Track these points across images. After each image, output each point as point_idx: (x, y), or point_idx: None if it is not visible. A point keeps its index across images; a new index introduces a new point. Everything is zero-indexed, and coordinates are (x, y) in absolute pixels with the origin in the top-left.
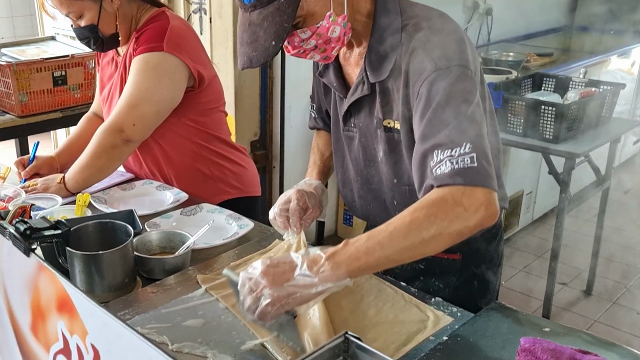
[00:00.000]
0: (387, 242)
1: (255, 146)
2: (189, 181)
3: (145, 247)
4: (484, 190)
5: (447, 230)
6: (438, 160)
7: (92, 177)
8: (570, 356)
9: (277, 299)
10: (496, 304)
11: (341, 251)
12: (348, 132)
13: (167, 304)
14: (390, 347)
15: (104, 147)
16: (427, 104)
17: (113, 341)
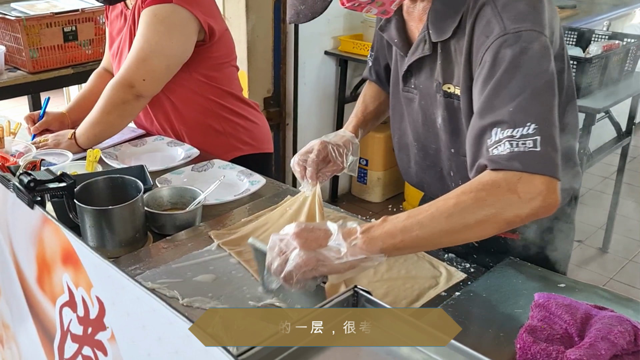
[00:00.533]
0: (427, 222)
1: (269, 103)
2: (200, 137)
3: (156, 202)
4: (544, 178)
5: (496, 218)
6: (496, 140)
7: (103, 133)
8: (586, 312)
9: (305, 262)
10: (510, 260)
11: (378, 226)
12: (407, 93)
13: (178, 259)
14: (401, 303)
15: (115, 102)
16: (491, 73)
17: (117, 293)
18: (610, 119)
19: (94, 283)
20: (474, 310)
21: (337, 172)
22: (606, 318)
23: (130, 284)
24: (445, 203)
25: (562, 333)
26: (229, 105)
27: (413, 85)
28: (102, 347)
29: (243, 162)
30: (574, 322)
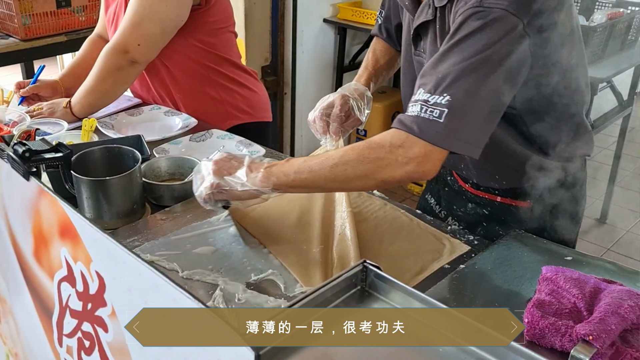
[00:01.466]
0: (316, 168)
1: (266, 72)
2: (197, 105)
3: (153, 173)
4: (426, 146)
5: (373, 175)
6: (415, 99)
7: (98, 101)
8: (595, 285)
9: (210, 186)
10: (515, 232)
11: (279, 165)
12: (418, 57)
13: (177, 231)
14: (405, 276)
15: (109, 69)
16: (450, 38)
17: (118, 268)
18: (612, 88)
19: (94, 257)
20: (479, 284)
21: (357, 126)
22: (616, 292)
23: (131, 259)
24: (335, 153)
25: (571, 307)
26: (227, 72)
27: (422, 49)
28: (103, 323)
29: (241, 131)
30: (583, 296)
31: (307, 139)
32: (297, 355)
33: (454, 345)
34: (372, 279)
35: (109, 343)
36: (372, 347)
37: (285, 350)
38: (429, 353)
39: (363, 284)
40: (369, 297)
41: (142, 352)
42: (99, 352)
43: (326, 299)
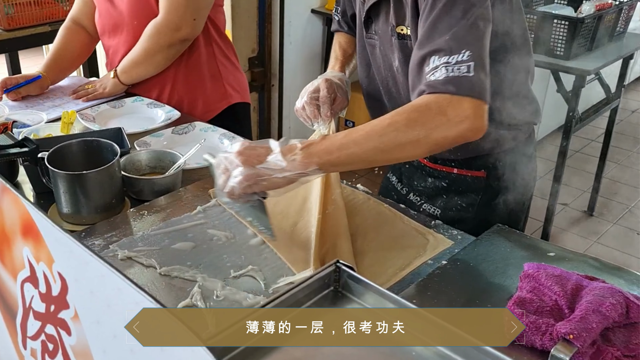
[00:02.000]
0: (362, 140)
1: (253, 63)
2: (198, 83)
3: (134, 167)
4: (473, 101)
5: (426, 139)
6: (434, 67)
7: (147, 73)
8: (577, 283)
9: (246, 177)
10: (499, 227)
11: (317, 143)
12: (370, 40)
13: (155, 226)
14: (387, 272)
15: (160, 46)
16: (432, 6)
17: (80, 269)
18: (600, 81)
19: (56, 258)
20: (461, 280)
21: (344, 107)
22: (597, 289)
23: (93, 260)
24: (380, 123)
25: (552, 305)
26: (225, 50)
27: (374, 31)
28: (66, 326)
29: (233, 112)
30: (564, 294)
31: (294, 131)
32: (267, 358)
33: (425, 346)
34: (346, 279)
35: (72, 347)
36: (342, 347)
37: (255, 352)
38: (401, 354)
39: (336, 285)
40: (342, 298)
41: (105, 356)
42: (62, 356)
43: (298, 299)
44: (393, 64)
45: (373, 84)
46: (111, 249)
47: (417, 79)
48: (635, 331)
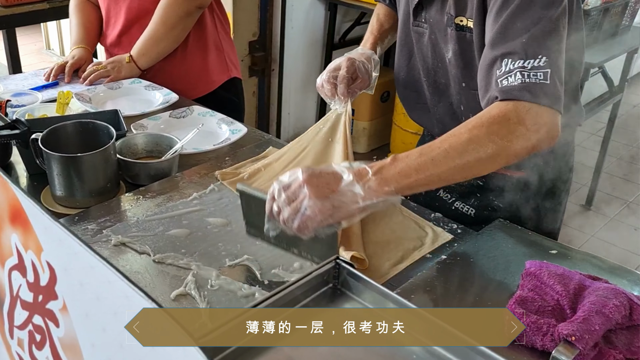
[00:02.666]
0: (441, 159)
1: (254, 47)
2: (203, 54)
3: (130, 150)
4: (550, 110)
5: (505, 151)
6: (507, 70)
7: (167, 49)
8: (579, 282)
9: (321, 210)
10: (500, 222)
11: (390, 167)
12: (418, 28)
13: (150, 211)
14: (385, 265)
15: (179, 16)
16: (505, 3)
17: (69, 259)
18: (604, 74)
19: (44, 247)
20: (460, 276)
21: (365, 89)
22: (601, 290)
23: (83, 251)
24: (458, 139)
25: (554, 305)
26: (224, 23)
27: (424, 19)
28: (54, 317)
29: (232, 86)
30: (567, 294)
31: (294, 117)
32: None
33: (424, 346)
34: (345, 277)
35: (60, 339)
36: (339, 347)
37: (249, 352)
38: (400, 355)
39: (335, 282)
40: (340, 295)
41: (93, 350)
42: (50, 348)
43: (296, 297)
44: (445, 55)
45: (412, 74)
46: (104, 234)
47: (488, 82)
48: (638, 333)
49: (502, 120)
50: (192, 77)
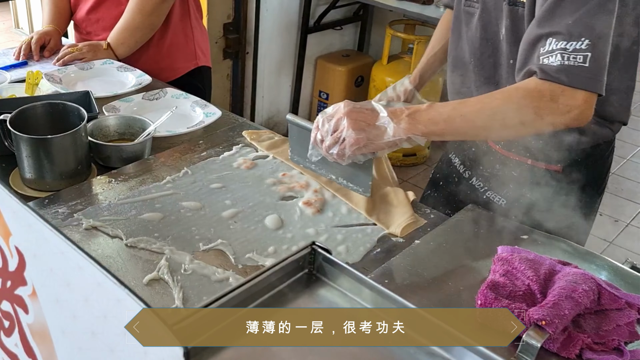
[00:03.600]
0: (471, 116)
1: (228, 29)
2: (171, 41)
3: (101, 132)
4: (585, 93)
5: (532, 123)
6: (549, 50)
7: (145, 37)
8: (550, 267)
9: (357, 141)
10: (472, 206)
11: (423, 112)
12: (469, 8)
13: (123, 195)
14: (359, 250)
15: (155, 2)
16: None
17: (39, 245)
18: None
19: (13, 231)
20: (433, 261)
21: None
22: (570, 275)
23: (53, 235)
24: (491, 102)
25: (525, 290)
26: (197, 10)
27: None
28: (23, 303)
29: (199, 74)
30: (537, 279)
31: (268, 100)
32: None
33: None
34: (321, 262)
35: (29, 325)
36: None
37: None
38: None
39: (311, 267)
40: (316, 281)
41: (63, 337)
42: (19, 334)
43: (271, 282)
44: (499, 32)
45: (461, 54)
46: (75, 217)
47: (528, 56)
48: (606, 318)
49: (536, 95)
50: (158, 63)
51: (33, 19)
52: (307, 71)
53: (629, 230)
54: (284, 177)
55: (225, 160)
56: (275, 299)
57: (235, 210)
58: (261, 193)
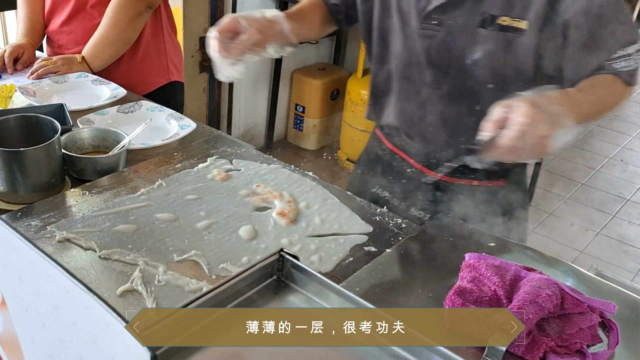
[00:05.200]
0: (598, 100)
1: (205, 43)
2: (144, 55)
3: (76, 145)
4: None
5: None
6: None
7: (120, 52)
8: (515, 273)
9: None
10: (442, 216)
11: (571, 95)
12: (426, 31)
13: (97, 207)
14: (332, 259)
15: (130, 17)
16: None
17: (8, 254)
18: None
19: None
20: (404, 269)
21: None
22: (534, 280)
23: (23, 245)
24: (604, 88)
25: (491, 295)
26: (170, 25)
27: (436, 21)
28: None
29: (172, 89)
30: (503, 284)
31: (245, 113)
32: (199, 355)
33: (373, 345)
34: (289, 269)
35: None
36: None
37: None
38: (342, 353)
39: (279, 274)
40: (284, 287)
41: (33, 346)
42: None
43: (239, 289)
44: (466, 56)
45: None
46: (49, 230)
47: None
48: (569, 322)
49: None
50: (131, 77)
51: (8, 33)
52: (283, 84)
53: (599, 240)
54: (257, 187)
55: (199, 172)
56: (244, 305)
57: (210, 222)
58: (235, 204)
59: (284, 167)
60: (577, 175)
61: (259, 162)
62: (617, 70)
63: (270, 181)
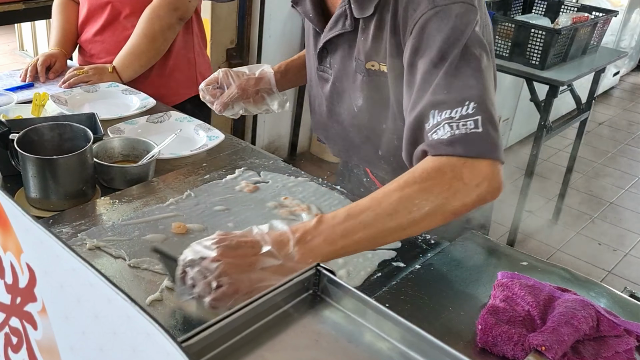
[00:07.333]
0: (371, 222)
1: (232, 54)
2: (174, 65)
3: (106, 154)
4: (488, 162)
5: (442, 208)
6: (435, 123)
7: (150, 62)
8: (549, 294)
9: (237, 289)
10: (472, 234)
11: (314, 232)
12: (323, 73)
13: (126, 216)
14: (360, 274)
15: (162, 28)
16: (422, 51)
17: (50, 262)
18: (572, 92)
19: (25, 248)
20: (434, 286)
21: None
22: (570, 301)
23: (65, 253)
24: (389, 198)
25: (525, 315)
26: (201, 35)
27: (329, 64)
28: (32, 319)
29: (199, 102)
30: (537, 304)
31: (269, 125)
32: None
33: None
34: (325, 283)
35: (37, 341)
36: None
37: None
38: None
39: (315, 289)
40: (320, 302)
41: (72, 353)
42: (27, 351)
43: (276, 303)
44: (354, 104)
45: (321, 119)
46: (79, 237)
47: (417, 136)
48: (605, 345)
49: (436, 175)
50: (159, 89)
51: (38, 42)
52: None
53: (628, 260)
54: (285, 200)
55: (228, 183)
56: (281, 319)
57: None
58: (263, 216)
59: (312, 179)
60: (605, 194)
61: (286, 174)
62: (437, 141)
63: (298, 194)
